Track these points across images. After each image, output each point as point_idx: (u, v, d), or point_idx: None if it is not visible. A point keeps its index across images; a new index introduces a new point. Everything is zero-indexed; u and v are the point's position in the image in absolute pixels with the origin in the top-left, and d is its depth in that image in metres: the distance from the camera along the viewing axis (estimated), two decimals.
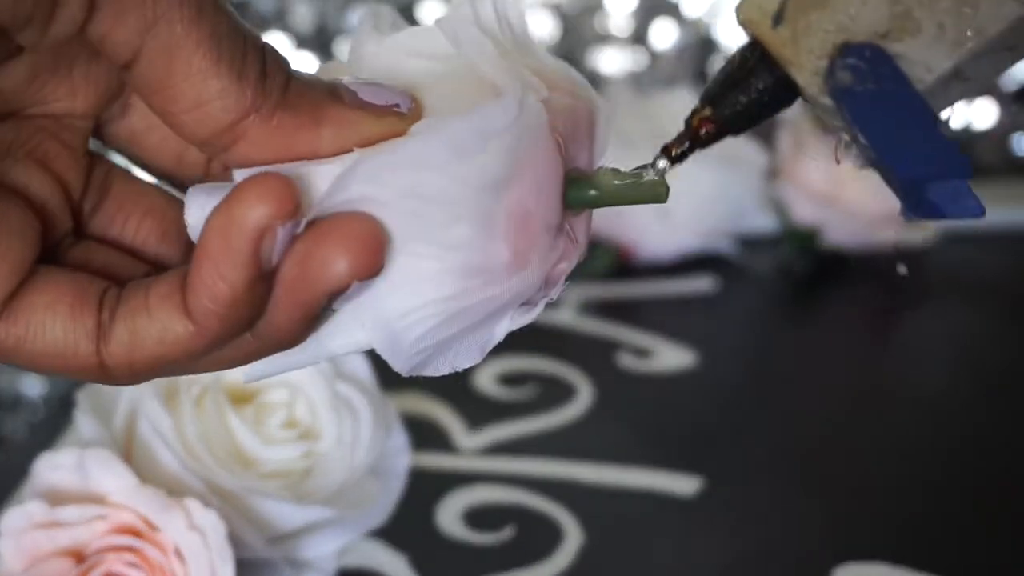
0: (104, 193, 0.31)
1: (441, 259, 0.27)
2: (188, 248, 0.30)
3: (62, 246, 0.30)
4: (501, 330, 0.30)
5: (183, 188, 0.31)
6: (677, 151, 0.31)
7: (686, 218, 0.83)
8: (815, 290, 0.83)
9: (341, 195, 0.26)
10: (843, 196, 0.83)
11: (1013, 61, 0.30)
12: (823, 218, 0.83)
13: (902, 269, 0.72)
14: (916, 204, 0.29)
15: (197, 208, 0.27)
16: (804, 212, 0.84)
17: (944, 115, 0.30)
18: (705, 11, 1.01)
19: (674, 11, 1.01)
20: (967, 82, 0.30)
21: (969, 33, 0.29)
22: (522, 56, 0.29)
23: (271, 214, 0.26)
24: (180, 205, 0.31)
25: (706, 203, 0.83)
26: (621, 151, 0.89)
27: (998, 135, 1.02)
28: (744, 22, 0.30)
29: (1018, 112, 1.01)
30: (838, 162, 0.32)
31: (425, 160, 0.26)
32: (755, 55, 0.30)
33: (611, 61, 1.02)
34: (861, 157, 0.30)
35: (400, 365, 0.29)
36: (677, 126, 0.32)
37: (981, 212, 0.28)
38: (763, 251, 0.86)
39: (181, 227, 0.30)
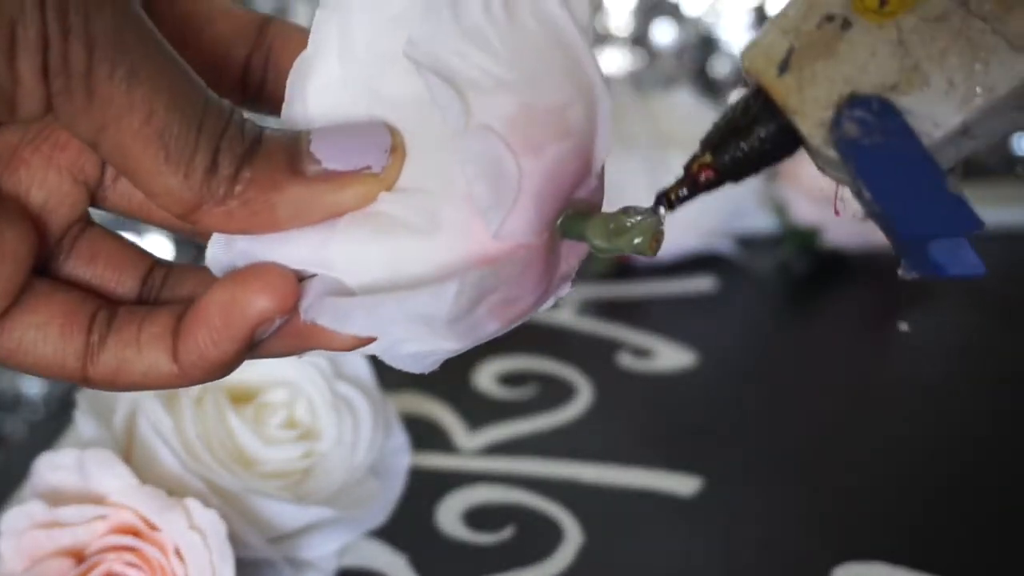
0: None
1: (433, 341, 0.29)
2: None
3: (64, 244, 0.31)
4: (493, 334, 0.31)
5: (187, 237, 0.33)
6: (676, 197, 0.31)
7: (686, 218, 0.83)
8: (815, 290, 0.83)
9: (321, 316, 0.29)
10: (842, 196, 0.83)
11: (1022, 121, 0.30)
12: (823, 218, 0.83)
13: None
14: (917, 262, 0.28)
15: (218, 247, 0.30)
16: (804, 212, 0.84)
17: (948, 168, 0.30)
18: (705, 11, 1.01)
19: (674, 11, 1.01)
20: (974, 139, 0.29)
21: (979, 90, 0.28)
22: (508, 46, 0.27)
23: (273, 309, 0.28)
24: None
25: (706, 203, 0.82)
26: (621, 151, 0.90)
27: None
28: (749, 69, 0.30)
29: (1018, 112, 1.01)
30: (837, 213, 0.32)
31: (382, 328, 0.28)
32: (758, 103, 0.30)
33: (611, 61, 1.02)
34: (863, 209, 0.30)
35: (419, 371, 0.30)
36: (677, 126, 0.32)
37: (982, 270, 0.28)
38: (763, 251, 0.86)
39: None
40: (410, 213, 0.28)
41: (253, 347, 0.29)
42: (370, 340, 0.28)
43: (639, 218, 0.29)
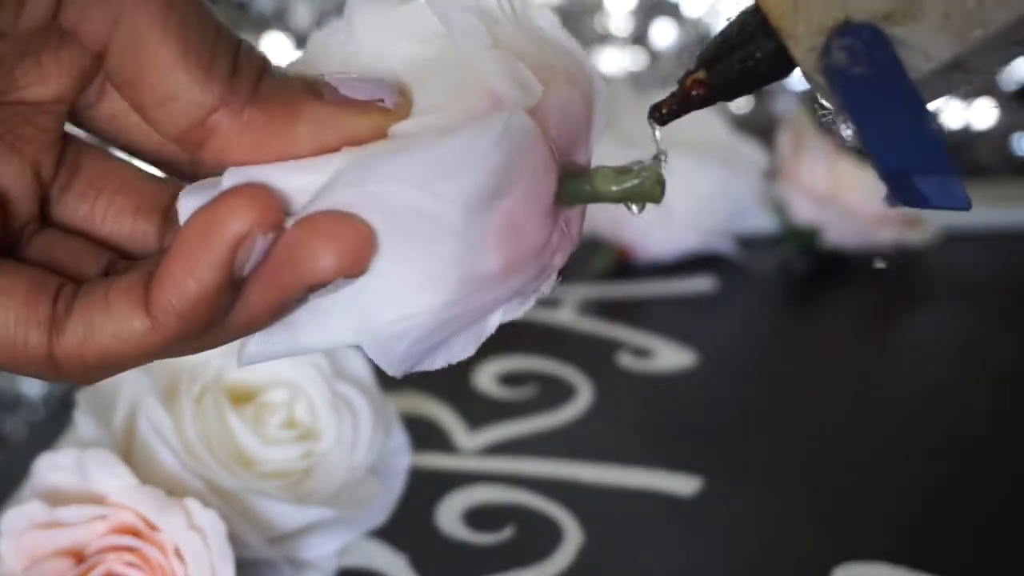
0: (75, 171, 0.30)
1: (430, 270, 0.27)
2: (163, 224, 0.30)
3: (24, 234, 0.30)
4: (493, 323, 0.30)
5: (169, 171, 0.31)
6: (667, 111, 0.30)
7: (686, 218, 0.83)
8: (815, 290, 0.83)
9: (326, 202, 0.26)
10: (842, 196, 0.83)
11: (1016, 56, 0.30)
12: (823, 218, 0.83)
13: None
14: (901, 192, 0.28)
15: (191, 209, 0.27)
16: (804, 212, 0.84)
17: (934, 107, 0.29)
18: (705, 11, 1.01)
19: (674, 11, 1.01)
20: (966, 74, 0.29)
21: (975, 24, 0.28)
22: (519, 35, 0.28)
23: (255, 221, 0.26)
24: (156, 181, 0.31)
25: (706, 203, 0.83)
26: (621, 151, 0.89)
27: (998, 135, 1.02)
28: None
29: (1018, 112, 1.01)
30: (836, 136, 0.31)
31: (408, 177, 0.26)
32: (755, 21, 0.30)
33: (611, 61, 1.02)
34: (853, 137, 0.29)
35: (392, 369, 0.29)
36: (678, 126, 0.31)
37: (967, 205, 0.28)
38: (763, 251, 0.86)
39: (157, 201, 0.30)
40: (428, 125, 0.27)
41: (235, 285, 0.26)
42: (357, 261, 0.26)
43: (642, 165, 0.29)
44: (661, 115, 0.30)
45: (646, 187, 0.29)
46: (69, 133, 0.31)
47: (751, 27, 0.30)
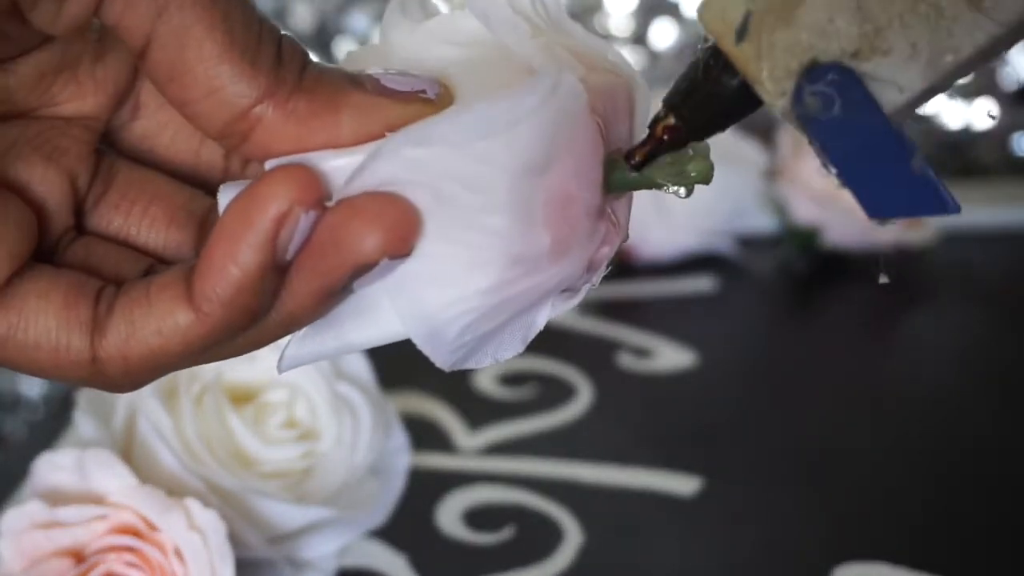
0: (109, 182, 0.30)
1: (479, 247, 0.26)
2: (200, 233, 0.30)
3: (60, 245, 0.29)
4: (542, 318, 0.30)
5: (203, 188, 0.31)
6: (640, 158, 0.29)
7: (686, 218, 0.83)
8: (815, 290, 0.83)
9: (369, 178, 0.26)
10: (842, 196, 0.83)
11: (983, 66, 0.29)
12: (823, 218, 0.83)
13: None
14: (885, 214, 0.28)
15: (230, 200, 0.27)
16: (804, 212, 0.84)
17: (914, 143, 0.29)
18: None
19: (674, 11, 1.01)
20: (937, 92, 0.29)
21: (944, 50, 0.27)
22: (557, 35, 0.28)
23: (295, 199, 0.25)
24: (189, 190, 0.31)
25: (706, 203, 0.83)
26: None
27: (998, 135, 1.02)
28: (708, 30, 0.29)
29: (1018, 112, 1.01)
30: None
31: (455, 141, 0.25)
32: (719, 62, 0.29)
33: None
34: (836, 178, 0.29)
35: (442, 360, 0.28)
36: None
37: (956, 209, 0.28)
38: (763, 251, 0.86)
39: (191, 212, 0.30)
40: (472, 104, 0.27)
41: (279, 271, 0.26)
42: (402, 239, 0.25)
43: (695, 151, 0.29)
44: (635, 163, 0.29)
45: (698, 168, 0.29)
46: (102, 148, 0.31)
47: (716, 70, 0.29)
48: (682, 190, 0.29)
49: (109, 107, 0.30)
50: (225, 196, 0.27)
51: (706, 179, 0.29)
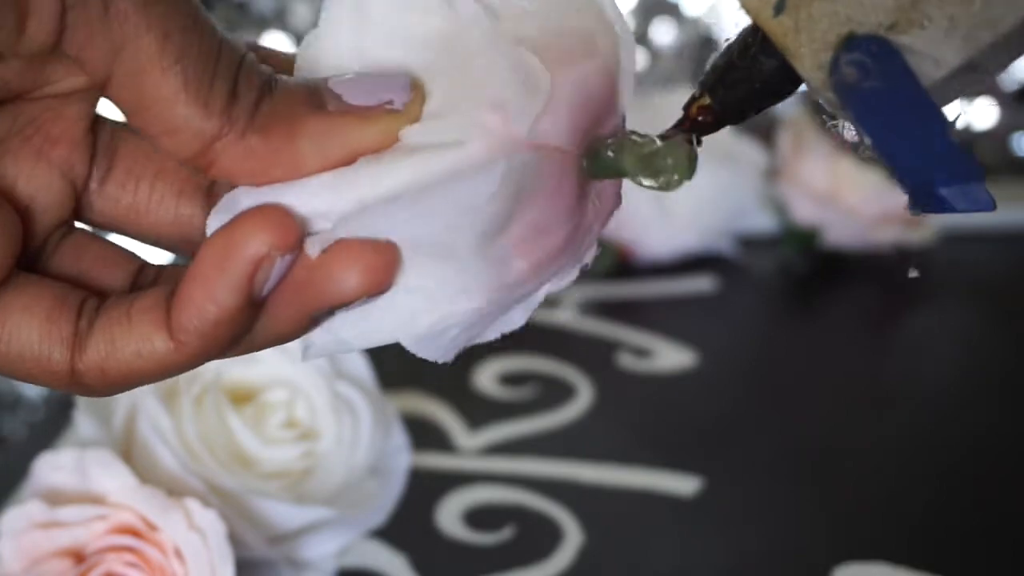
0: (112, 160, 0.30)
1: (458, 284, 0.27)
2: (207, 202, 0.30)
3: (48, 244, 0.30)
4: (541, 295, 0.30)
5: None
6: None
7: (686, 218, 0.83)
8: (815, 290, 0.83)
9: (342, 232, 0.27)
10: (842, 196, 0.83)
11: None
12: (823, 218, 0.83)
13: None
14: (924, 200, 0.28)
15: (221, 215, 0.28)
16: (804, 212, 0.84)
17: (952, 114, 0.28)
18: (705, 11, 1.01)
19: (674, 11, 1.01)
20: (980, 72, 0.28)
21: (982, 26, 0.27)
22: (528, 4, 0.28)
23: (272, 244, 0.26)
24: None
25: (706, 203, 0.83)
26: None
27: (998, 135, 1.02)
28: (745, 7, 0.28)
29: (1018, 112, 1.01)
30: (846, 149, 0.31)
31: (417, 217, 0.26)
32: (757, 41, 0.28)
33: None
34: (869, 151, 0.28)
35: (440, 359, 0.29)
36: None
37: (991, 206, 0.27)
38: (763, 251, 0.86)
39: (197, 184, 0.30)
40: (436, 136, 0.27)
41: (255, 305, 0.27)
42: (380, 282, 0.27)
43: (668, 141, 0.28)
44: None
45: (676, 155, 0.28)
46: (102, 118, 0.31)
47: (754, 48, 0.29)
48: (663, 181, 0.29)
49: (104, 77, 0.29)
50: (214, 222, 0.27)
51: (685, 172, 0.28)
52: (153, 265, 0.30)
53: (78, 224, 0.31)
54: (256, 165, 0.27)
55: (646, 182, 0.29)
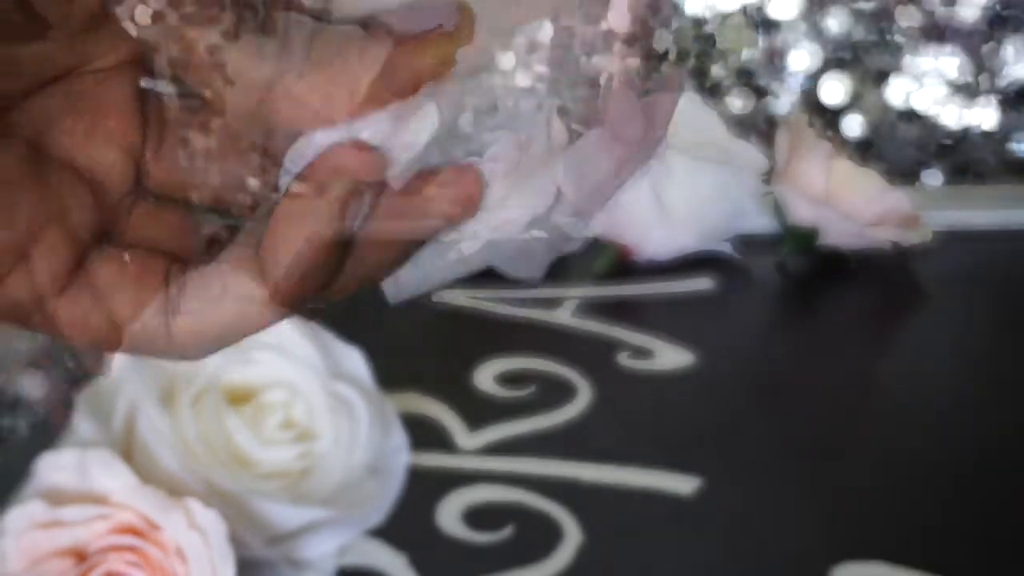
0: (163, 127, 0.30)
1: (536, 200, 0.28)
2: (264, 162, 0.30)
3: (120, 211, 0.30)
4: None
5: None
6: None
7: (686, 218, 0.83)
8: (815, 290, 0.84)
9: (422, 161, 0.27)
10: (841, 197, 0.83)
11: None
12: (821, 219, 0.83)
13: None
14: None
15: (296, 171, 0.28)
16: (802, 213, 0.84)
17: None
18: (705, 10, 1.01)
19: (674, 10, 1.01)
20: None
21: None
22: None
23: (359, 175, 0.26)
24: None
25: (706, 203, 0.83)
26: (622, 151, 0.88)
27: (997, 136, 1.02)
28: None
29: (1018, 113, 1.01)
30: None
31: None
32: None
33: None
34: None
35: (534, 276, 0.30)
36: (678, 127, 0.31)
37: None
38: (763, 251, 0.86)
39: (252, 143, 0.31)
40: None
41: (347, 243, 0.27)
42: (470, 206, 0.27)
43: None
44: None
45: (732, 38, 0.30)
46: (147, 87, 0.31)
47: None
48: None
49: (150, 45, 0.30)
50: (291, 166, 0.28)
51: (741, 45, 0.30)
52: (226, 227, 0.30)
53: (142, 196, 0.30)
54: (319, 103, 0.27)
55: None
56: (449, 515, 0.57)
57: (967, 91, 1.03)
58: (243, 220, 0.29)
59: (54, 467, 0.45)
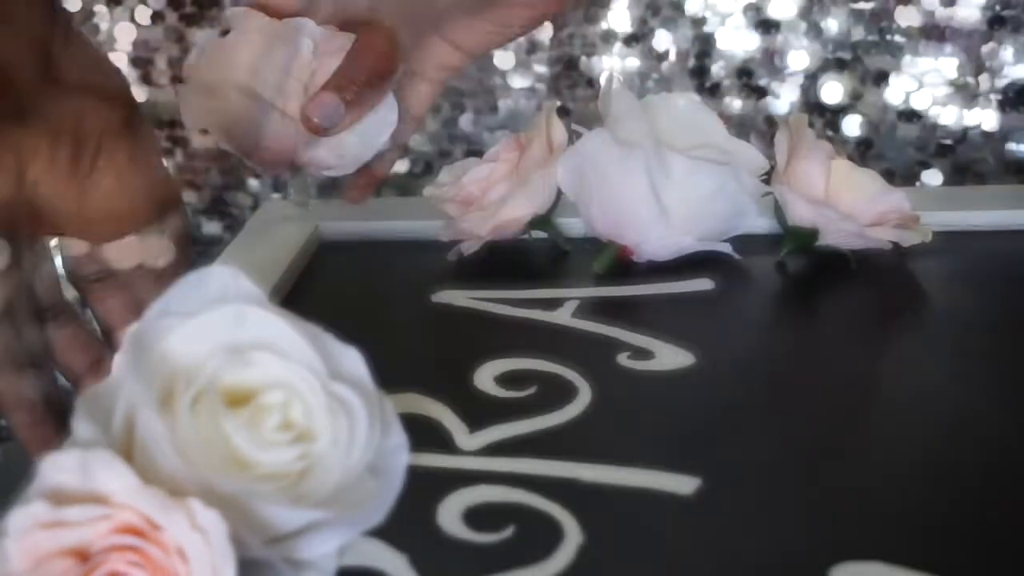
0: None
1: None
2: None
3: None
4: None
5: None
6: None
7: (685, 218, 0.83)
8: (815, 290, 0.84)
9: None
10: (840, 198, 0.83)
11: None
12: (820, 219, 0.83)
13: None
14: None
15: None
16: (802, 213, 0.84)
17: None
18: (705, 10, 1.01)
19: (676, 9, 1.01)
20: None
21: None
22: None
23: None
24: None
25: (705, 204, 0.83)
26: (621, 151, 0.90)
27: (997, 137, 1.02)
28: None
29: (1018, 114, 1.01)
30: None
31: None
32: None
33: (611, 61, 1.02)
34: None
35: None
36: (677, 127, 0.31)
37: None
38: (763, 251, 0.86)
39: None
40: None
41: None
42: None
43: None
44: None
45: None
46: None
47: None
48: None
49: None
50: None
51: None
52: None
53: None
54: None
55: None
56: (450, 515, 0.57)
57: (967, 91, 1.03)
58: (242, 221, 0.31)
59: (57, 467, 0.45)
